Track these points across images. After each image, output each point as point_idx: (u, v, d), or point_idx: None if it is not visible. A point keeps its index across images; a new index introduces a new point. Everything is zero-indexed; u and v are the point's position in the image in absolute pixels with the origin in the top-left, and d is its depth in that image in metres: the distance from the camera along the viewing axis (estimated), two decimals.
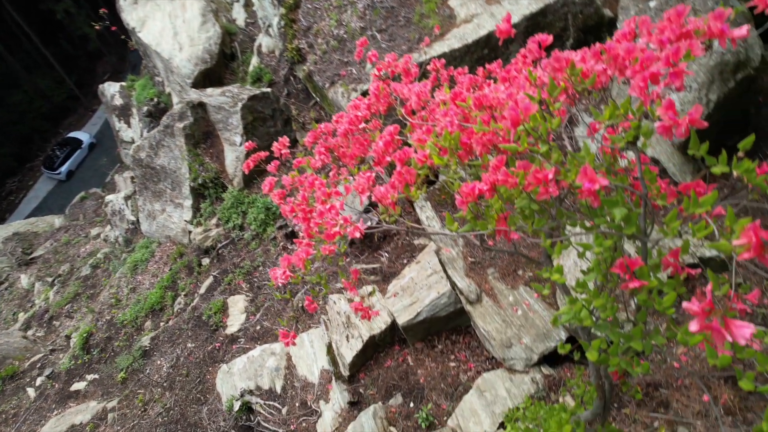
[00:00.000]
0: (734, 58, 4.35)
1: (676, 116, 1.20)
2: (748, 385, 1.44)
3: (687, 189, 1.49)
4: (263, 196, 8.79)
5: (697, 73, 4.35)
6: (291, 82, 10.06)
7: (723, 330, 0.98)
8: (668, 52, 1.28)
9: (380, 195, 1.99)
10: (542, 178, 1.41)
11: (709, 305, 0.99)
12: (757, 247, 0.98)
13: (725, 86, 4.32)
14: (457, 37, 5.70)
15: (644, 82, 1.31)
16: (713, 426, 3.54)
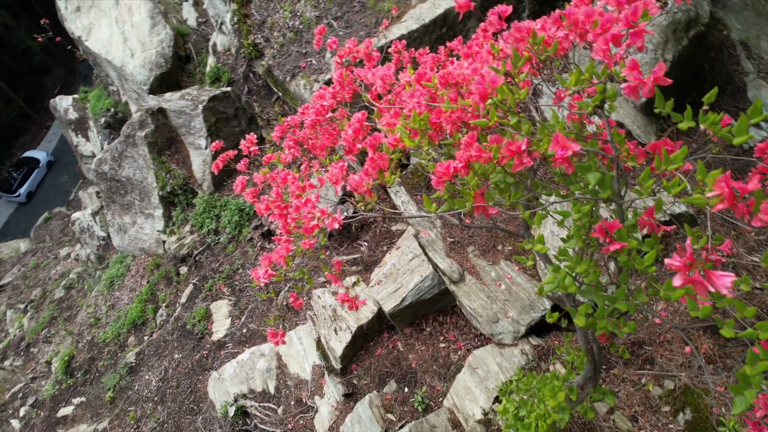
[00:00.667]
0: (685, 17, 4.43)
1: (641, 76, 1.20)
2: (728, 332, 1.48)
3: (656, 148, 1.51)
4: (235, 198, 8.65)
5: (653, 33, 4.42)
6: (251, 79, 9.87)
7: (705, 282, 0.99)
8: (627, 13, 1.29)
9: (355, 183, 1.96)
10: (515, 150, 1.40)
11: (690, 259, 1.00)
12: (730, 197, 1.00)
13: (679, 44, 4.41)
14: (415, 18, 5.66)
15: (606, 44, 1.31)
16: (697, 375, 3.66)
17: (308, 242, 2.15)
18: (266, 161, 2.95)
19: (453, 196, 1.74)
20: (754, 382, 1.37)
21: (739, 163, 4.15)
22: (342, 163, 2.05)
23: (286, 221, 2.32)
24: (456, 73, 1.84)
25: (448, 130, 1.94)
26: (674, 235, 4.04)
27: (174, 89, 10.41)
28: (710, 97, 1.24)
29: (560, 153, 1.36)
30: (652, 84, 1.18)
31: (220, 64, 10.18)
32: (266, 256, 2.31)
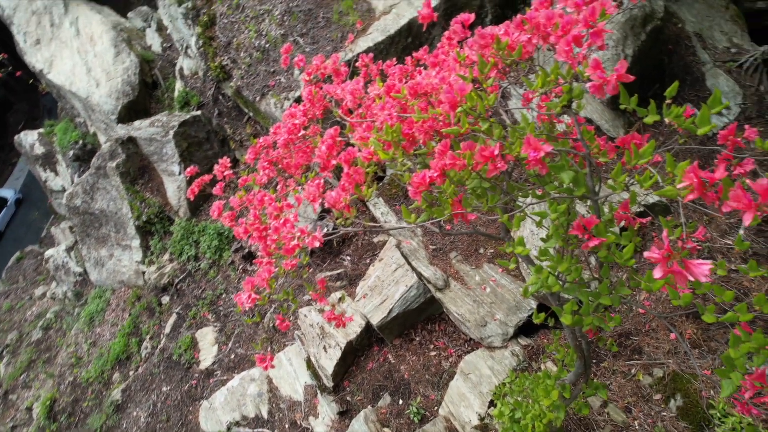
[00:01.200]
0: (641, 12, 4.56)
1: (604, 74, 1.23)
2: (710, 317, 1.50)
3: (625, 142, 1.54)
4: (213, 222, 8.54)
5: (612, 31, 4.54)
6: (220, 101, 9.81)
7: (684, 271, 1.01)
8: (585, 14, 1.31)
9: (332, 200, 1.96)
10: (489, 155, 1.41)
11: (668, 251, 1.02)
12: (699, 186, 1.02)
13: (638, 39, 4.53)
14: (380, 30, 5.71)
15: (568, 45, 1.34)
16: (684, 361, 3.72)
17: (290, 263, 2.13)
18: (242, 183, 2.92)
19: (431, 204, 1.75)
20: (739, 364, 1.40)
21: (706, 150, 4.26)
22: (318, 180, 2.04)
23: (266, 243, 2.29)
24: (424, 83, 1.86)
25: (421, 140, 1.95)
26: (650, 225, 4.12)
27: (143, 117, 10.28)
28: (672, 90, 1.27)
29: (533, 155, 1.37)
30: (615, 81, 1.21)
31: (188, 89, 10.10)
32: (249, 280, 2.28)
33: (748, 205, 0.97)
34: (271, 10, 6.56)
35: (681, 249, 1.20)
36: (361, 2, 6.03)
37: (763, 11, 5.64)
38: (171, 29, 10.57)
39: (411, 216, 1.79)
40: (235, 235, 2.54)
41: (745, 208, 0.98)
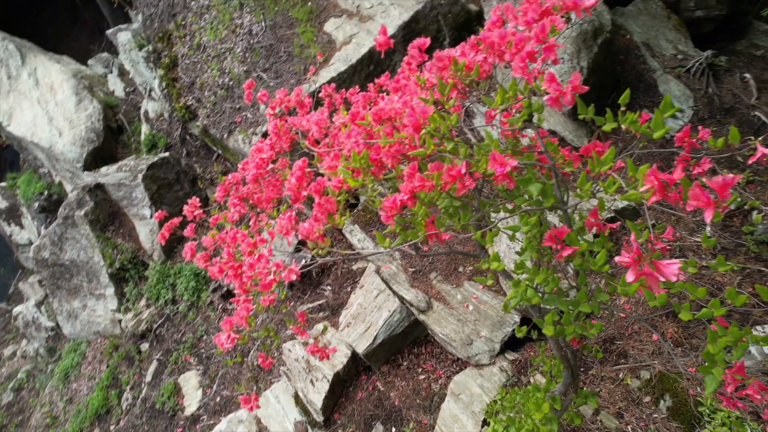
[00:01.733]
0: (591, 26, 4.75)
1: (560, 87, 1.26)
2: (686, 315, 1.53)
3: (588, 151, 1.58)
4: (189, 263, 8.37)
5: (565, 46, 4.70)
6: (188, 141, 9.75)
7: (655, 273, 1.03)
8: (536, 31, 1.36)
9: (305, 231, 1.94)
10: (456, 174, 1.43)
11: (637, 254, 1.03)
12: (660, 188, 1.05)
13: (591, 52, 4.70)
14: (342, 60, 5.79)
15: (523, 61, 1.38)
16: (668, 361, 3.76)
17: (268, 298, 2.09)
18: (213, 222, 2.88)
19: (405, 228, 1.75)
20: (719, 359, 1.42)
21: (666, 152, 4.40)
22: (289, 213, 2.02)
23: (242, 281, 2.26)
24: (388, 108, 1.88)
25: (390, 164, 1.96)
26: (621, 230, 4.20)
27: (110, 162, 10.12)
28: (625, 98, 1.31)
29: (499, 170, 1.39)
30: (571, 93, 1.24)
31: (154, 131, 10.01)
32: (227, 320, 2.23)
33: (707, 203, 1.00)
34: (232, 48, 6.60)
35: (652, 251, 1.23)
36: (321, 34, 6.12)
37: (701, 19, 5.95)
38: (133, 73, 10.53)
39: (386, 241, 1.79)
40: (210, 275, 2.49)
41: (705, 205, 1.01)
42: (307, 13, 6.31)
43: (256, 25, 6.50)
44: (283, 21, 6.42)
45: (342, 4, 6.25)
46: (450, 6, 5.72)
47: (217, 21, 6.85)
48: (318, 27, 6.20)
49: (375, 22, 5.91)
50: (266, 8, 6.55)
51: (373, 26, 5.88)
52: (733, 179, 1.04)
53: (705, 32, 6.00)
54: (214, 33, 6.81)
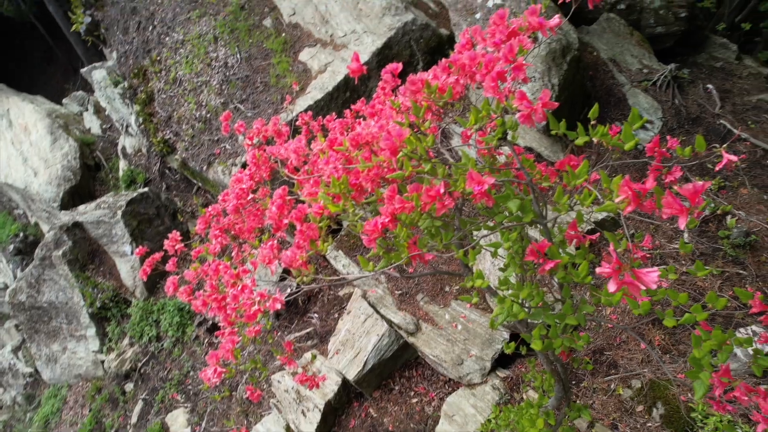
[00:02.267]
0: (559, 45, 4.89)
1: (530, 104, 1.29)
2: (670, 322, 1.54)
3: (563, 166, 1.61)
4: (172, 298, 8.22)
5: (535, 65, 4.82)
6: (167, 175, 9.68)
7: (635, 281, 1.04)
8: (504, 51, 1.39)
9: (288, 259, 1.93)
10: (435, 194, 1.44)
11: (617, 264, 1.05)
12: (635, 198, 1.07)
13: (561, 69, 4.83)
14: (318, 88, 5.85)
15: (494, 81, 1.41)
16: (657, 368, 3.78)
17: (253, 329, 2.06)
18: (195, 255, 2.85)
19: (388, 250, 1.75)
20: (705, 363, 1.43)
21: (639, 163, 4.50)
22: (271, 242, 2.01)
23: (226, 313, 2.23)
24: (365, 133, 1.90)
25: (369, 188, 1.97)
26: (602, 241, 4.26)
27: (88, 200, 9.97)
28: (594, 112, 1.35)
29: (477, 189, 1.41)
30: (542, 109, 1.27)
31: (133, 167, 9.93)
32: (213, 354, 2.19)
33: (680, 210, 1.02)
34: (208, 81, 6.63)
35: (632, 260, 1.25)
36: (297, 64, 6.19)
37: (662, 35, 6.17)
38: (109, 110, 10.49)
39: (369, 264, 1.78)
40: (194, 309, 2.46)
41: (679, 213, 1.03)
42: (282, 43, 6.39)
43: (232, 58, 6.56)
44: (258, 52, 6.48)
45: (316, 34, 6.35)
46: (421, 31, 5.84)
47: (192, 55, 6.89)
48: (293, 57, 6.28)
49: (349, 49, 6.01)
50: (241, 41, 6.62)
51: (347, 54, 5.97)
52: (703, 186, 1.07)
53: (667, 47, 6.22)
54: (189, 67, 6.84)
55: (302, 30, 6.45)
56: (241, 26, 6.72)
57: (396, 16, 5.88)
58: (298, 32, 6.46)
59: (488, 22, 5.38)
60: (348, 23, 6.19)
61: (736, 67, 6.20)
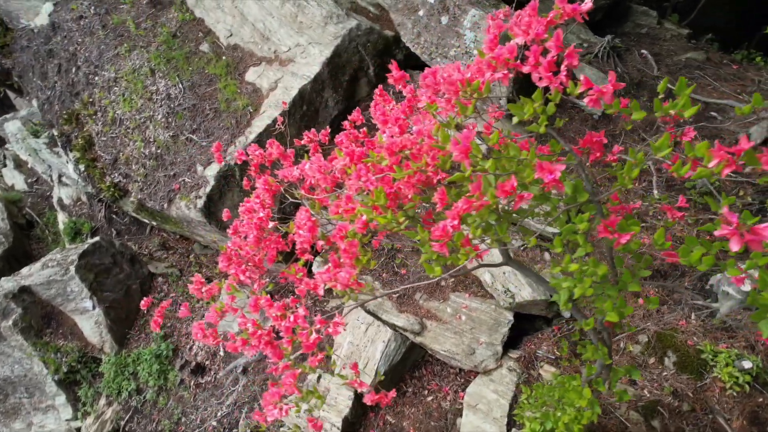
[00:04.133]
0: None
1: (599, 88, 1.34)
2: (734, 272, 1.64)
3: (587, 143, 1.67)
4: (146, 346, 7.80)
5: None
6: (116, 220, 9.18)
7: (756, 237, 1.10)
8: (553, 40, 1.43)
9: (344, 280, 1.89)
10: (510, 188, 1.46)
11: (737, 224, 1.11)
12: (731, 161, 1.13)
13: None
14: (273, 106, 5.73)
15: (548, 70, 1.45)
16: (659, 319, 3.99)
17: (316, 358, 2.01)
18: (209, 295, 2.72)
19: (452, 251, 1.75)
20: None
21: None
22: (327, 266, 1.95)
23: (275, 348, 2.15)
24: (398, 141, 1.89)
25: (410, 195, 1.97)
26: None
27: (26, 262, 9.25)
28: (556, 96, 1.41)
29: (549, 177, 1.44)
30: (610, 92, 1.32)
31: (74, 218, 9.33)
32: (271, 394, 2.11)
33: None
34: (152, 115, 6.34)
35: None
36: (245, 85, 6.04)
37: (593, 10, 6.52)
38: (33, 162, 9.83)
39: (437, 269, 1.78)
40: (229, 350, 2.36)
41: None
42: (224, 67, 6.21)
43: (174, 88, 6.30)
44: (201, 79, 6.27)
45: (258, 53, 6.22)
46: (367, 36, 5.86)
47: (129, 92, 6.56)
48: (239, 79, 6.12)
49: (296, 63, 5.93)
50: (180, 70, 6.37)
51: (295, 68, 5.89)
52: None
53: (597, 20, 6.58)
54: (128, 104, 6.51)
55: (243, 50, 6.30)
56: (178, 55, 6.47)
57: (339, 24, 5.86)
58: (239, 53, 6.30)
59: (432, 20, 5.39)
60: (290, 37, 6.11)
61: (659, 31, 6.65)
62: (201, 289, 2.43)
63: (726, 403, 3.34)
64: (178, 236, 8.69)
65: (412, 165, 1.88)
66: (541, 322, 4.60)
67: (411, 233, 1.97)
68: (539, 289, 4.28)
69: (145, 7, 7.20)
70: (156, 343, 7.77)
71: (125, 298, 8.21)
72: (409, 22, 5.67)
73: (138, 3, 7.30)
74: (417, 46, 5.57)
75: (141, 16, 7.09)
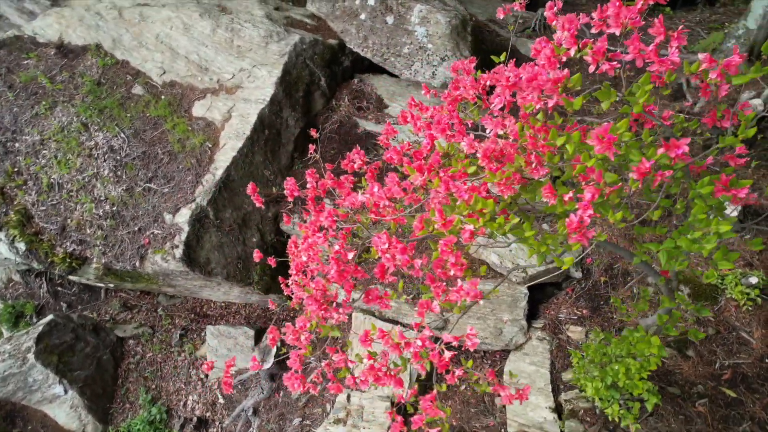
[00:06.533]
0: (458, 20, 5.21)
1: (730, 61, 1.46)
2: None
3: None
4: (135, 415, 7.28)
5: (443, 44, 5.09)
6: (62, 293, 8.44)
7: None
8: (656, 26, 1.54)
9: (475, 294, 1.92)
10: (647, 170, 1.56)
11: None
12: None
13: (467, 41, 5.19)
14: (233, 137, 5.52)
15: (656, 54, 1.55)
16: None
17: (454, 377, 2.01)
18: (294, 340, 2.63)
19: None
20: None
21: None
22: (461, 284, 1.96)
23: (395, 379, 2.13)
24: (494, 147, 1.93)
25: (506, 197, 2.02)
26: None
27: None
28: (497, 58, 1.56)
29: (678, 152, 1.56)
30: (736, 63, 1.45)
31: (11, 301, 8.44)
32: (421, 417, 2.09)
33: None
34: (97, 172, 5.87)
35: None
36: (196, 121, 5.75)
37: None
38: None
39: (567, 260, 1.85)
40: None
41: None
42: (166, 106, 5.88)
43: (115, 139, 5.87)
44: (144, 124, 5.89)
45: (199, 85, 5.95)
46: (313, 48, 5.79)
47: (62, 152, 6.02)
48: (187, 116, 5.83)
49: (245, 88, 5.75)
50: (117, 118, 5.95)
51: (246, 93, 5.71)
52: None
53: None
54: (65, 166, 5.98)
55: (182, 86, 6.00)
56: (109, 103, 6.03)
57: (282, 41, 5.75)
58: (179, 89, 6.00)
59: (373, 24, 5.43)
60: (231, 63, 5.90)
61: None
62: (299, 337, 2.34)
63: (743, 318, 3.73)
64: (138, 293, 8.16)
65: (509, 167, 1.94)
66: (551, 288, 4.84)
67: (518, 232, 2.03)
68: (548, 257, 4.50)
69: (55, 59, 6.63)
70: (145, 409, 7.29)
71: (98, 372, 7.60)
72: (352, 28, 5.67)
73: (44, 55, 6.70)
74: (366, 50, 5.59)
75: (53, 68, 6.52)
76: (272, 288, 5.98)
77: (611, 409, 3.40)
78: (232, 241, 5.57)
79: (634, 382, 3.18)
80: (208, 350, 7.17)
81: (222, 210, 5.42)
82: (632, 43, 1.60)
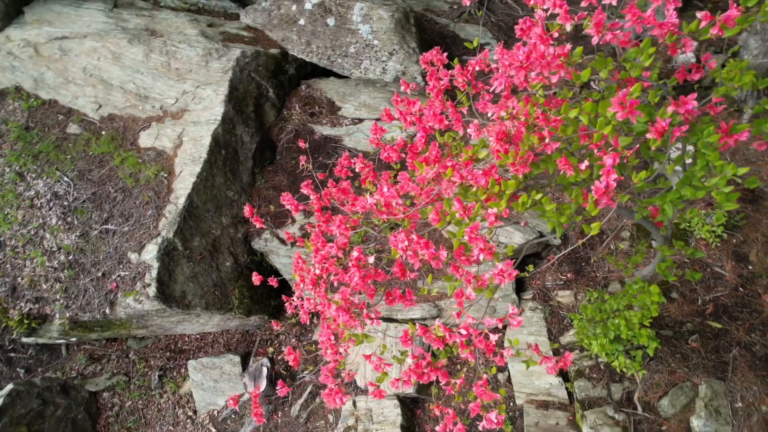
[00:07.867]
0: (401, 13, 5.25)
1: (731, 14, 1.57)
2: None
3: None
4: None
5: (389, 38, 5.11)
6: (15, 358, 7.81)
7: None
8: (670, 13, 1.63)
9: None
10: (663, 128, 1.65)
11: None
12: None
13: (412, 33, 5.24)
14: (189, 162, 5.31)
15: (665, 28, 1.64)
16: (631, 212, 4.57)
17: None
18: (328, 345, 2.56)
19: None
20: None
21: None
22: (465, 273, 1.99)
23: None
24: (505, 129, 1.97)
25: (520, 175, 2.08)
26: None
27: None
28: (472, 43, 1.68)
29: (687, 107, 1.66)
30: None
31: None
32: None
33: None
34: (44, 222, 5.47)
35: None
36: (145, 152, 5.48)
37: None
38: None
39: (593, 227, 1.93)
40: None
41: None
42: (109, 142, 5.57)
43: (58, 184, 5.49)
44: (88, 164, 5.55)
45: (142, 115, 5.67)
46: (256, 60, 5.66)
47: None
48: (134, 148, 5.54)
49: (192, 111, 5.54)
50: (56, 161, 5.57)
51: (194, 116, 5.51)
52: None
53: None
54: (5, 221, 5.53)
55: (123, 118, 5.70)
56: (44, 147, 5.64)
57: (222, 58, 5.58)
58: (120, 122, 5.69)
59: (316, 23, 5.39)
60: (171, 88, 5.67)
61: None
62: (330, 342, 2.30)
63: (714, 254, 4.02)
64: (104, 342, 7.71)
65: (521, 146, 1.99)
66: (533, 259, 5.00)
67: (538, 207, 2.10)
68: (526, 230, 4.65)
69: None
70: None
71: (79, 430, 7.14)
72: (293, 35, 5.59)
73: None
74: (311, 55, 5.54)
75: None
76: (253, 310, 5.82)
77: (618, 361, 3.57)
78: (205, 269, 5.37)
79: (636, 332, 3.36)
80: (192, 386, 6.88)
81: (190, 239, 5.21)
82: (630, 11, 1.68)
